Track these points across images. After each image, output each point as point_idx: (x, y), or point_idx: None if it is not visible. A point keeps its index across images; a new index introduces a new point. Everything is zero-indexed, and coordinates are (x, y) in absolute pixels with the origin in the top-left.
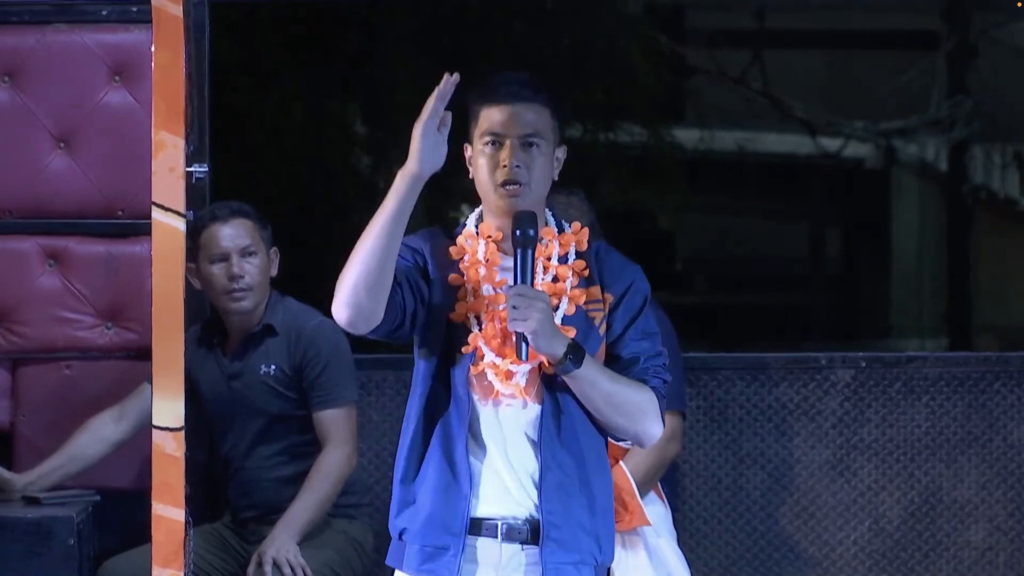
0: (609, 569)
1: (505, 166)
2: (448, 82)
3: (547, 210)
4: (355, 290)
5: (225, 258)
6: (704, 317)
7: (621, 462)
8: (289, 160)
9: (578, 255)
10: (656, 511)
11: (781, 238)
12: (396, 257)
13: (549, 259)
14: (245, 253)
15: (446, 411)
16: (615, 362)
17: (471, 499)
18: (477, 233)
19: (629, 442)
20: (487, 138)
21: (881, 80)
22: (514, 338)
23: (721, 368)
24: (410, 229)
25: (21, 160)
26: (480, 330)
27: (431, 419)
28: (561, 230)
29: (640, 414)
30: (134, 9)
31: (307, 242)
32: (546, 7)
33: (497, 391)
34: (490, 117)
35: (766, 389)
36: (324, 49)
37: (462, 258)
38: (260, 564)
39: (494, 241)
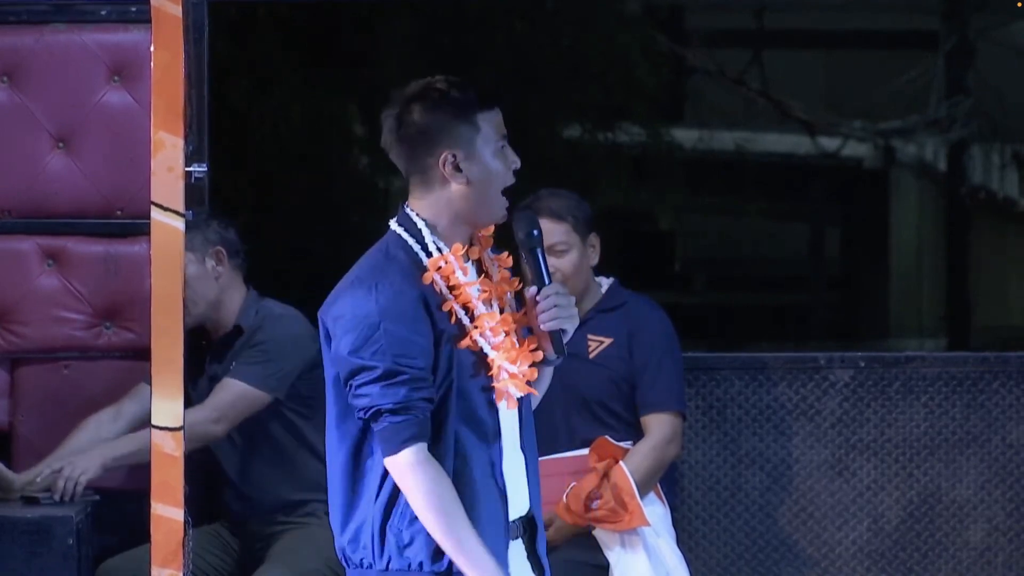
0: (608, 569)
1: (514, 167)
2: None
3: None
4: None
5: None
6: (704, 317)
7: (621, 462)
8: (289, 160)
9: None
10: (655, 511)
11: (781, 238)
12: None
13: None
14: None
15: (474, 433)
16: None
17: (508, 508)
18: (440, 254)
19: (630, 441)
20: (502, 142)
21: (881, 80)
22: (551, 336)
23: (720, 368)
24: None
25: (20, 160)
26: (493, 350)
27: (464, 446)
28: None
29: None
30: (133, 9)
31: (306, 242)
32: (546, 7)
33: (509, 397)
34: (497, 119)
35: (765, 389)
36: (324, 49)
37: (446, 286)
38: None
39: (463, 256)
